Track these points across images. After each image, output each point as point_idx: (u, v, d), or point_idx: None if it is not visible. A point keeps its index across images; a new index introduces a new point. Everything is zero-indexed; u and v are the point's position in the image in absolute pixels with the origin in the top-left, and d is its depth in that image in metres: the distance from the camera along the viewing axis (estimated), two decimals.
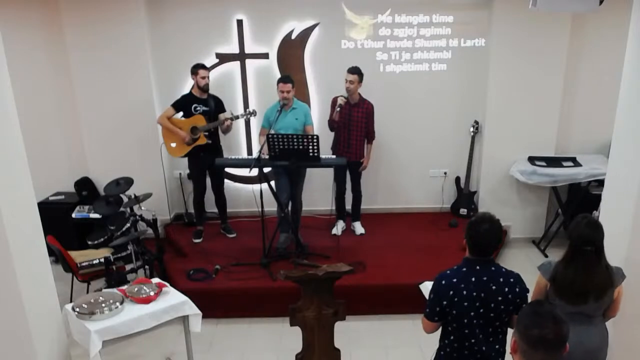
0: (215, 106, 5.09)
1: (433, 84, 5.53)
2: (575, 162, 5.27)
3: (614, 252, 2.78)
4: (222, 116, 5.08)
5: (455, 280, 2.39)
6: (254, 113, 5.05)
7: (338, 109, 4.86)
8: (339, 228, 5.42)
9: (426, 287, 2.88)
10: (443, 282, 2.42)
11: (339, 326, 3.30)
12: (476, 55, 5.43)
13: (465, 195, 5.74)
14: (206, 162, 5.07)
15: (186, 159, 5.21)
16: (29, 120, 3.82)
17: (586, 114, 5.44)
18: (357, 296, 4.24)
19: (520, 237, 5.73)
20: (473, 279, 2.37)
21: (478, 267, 2.38)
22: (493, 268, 2.40)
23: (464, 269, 2.41)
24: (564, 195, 5.55)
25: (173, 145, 5.09)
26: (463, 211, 5.73)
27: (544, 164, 5.28)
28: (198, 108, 5.01)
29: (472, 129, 5.61)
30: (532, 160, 5.36)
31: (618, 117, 3.28)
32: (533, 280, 2.58)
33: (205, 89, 5.01)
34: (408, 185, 5.90)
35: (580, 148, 5.58)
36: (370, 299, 4.44)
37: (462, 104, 5.61)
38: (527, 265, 5.12)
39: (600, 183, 4.66)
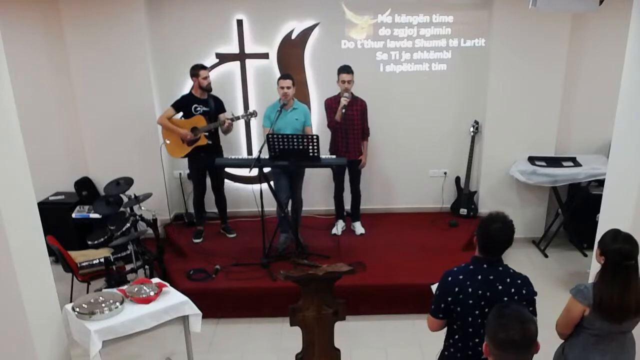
0: (215, 106, 5.09)
1: (433, 84, 5.53)
2: (575, 162, 5.27)
3: None
4: (222, 117, 5.08)
5: (461, 277, 2.38)
6: (254, 114, 5.04)
7: (343, 110, 4.86)
8: (338, 228, 5.42)
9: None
10: (449, 278, 2.41)
11: (339, 326, 3.29)
12: (476, 55, 5.42)
13: (465, 195, 5.74)
14: (206, 162, 5.06)
15: (186, 159, 5.21)
16: (29, 120, 3.82)
17: (586, 114, 5.44)
18: (357, 296, 4.24)
19: (520, 237, 5.71)
20: (479, 277, 2.35)
21: (485, 266, 2.37)
22: (501, 268, 2.38)
23: (471, 267, 2.40)
24: (564, 195, 5.55)
25: (168, 142, 5.08)
26: (463, 211, 5.73)
27: (544, 164, 5.28)
28: (198, 108, 5.01)
29: (472, 129, 5.61)
30: (532, 160, 5.36)
31: (618, 117, 3.28)
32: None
33: (208, 89, 5.01)
34: (408, 185, 5.89)
35: (580, 148, 5.58)
36: (370, 299, 4.44)
37: (462, 104, 5.60)
38: (527, 265, 5.12)
39: (600, 183, 4.66)
